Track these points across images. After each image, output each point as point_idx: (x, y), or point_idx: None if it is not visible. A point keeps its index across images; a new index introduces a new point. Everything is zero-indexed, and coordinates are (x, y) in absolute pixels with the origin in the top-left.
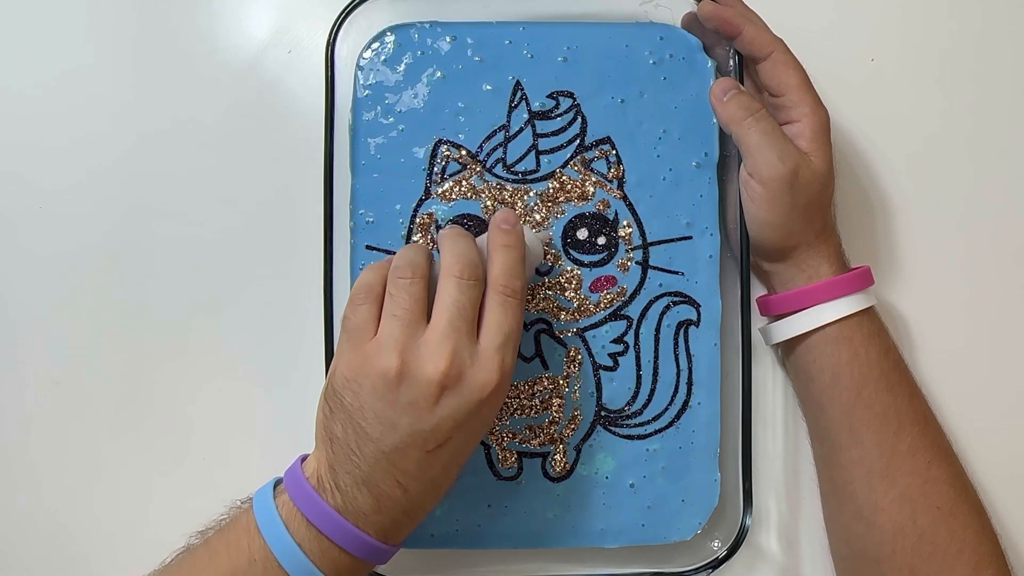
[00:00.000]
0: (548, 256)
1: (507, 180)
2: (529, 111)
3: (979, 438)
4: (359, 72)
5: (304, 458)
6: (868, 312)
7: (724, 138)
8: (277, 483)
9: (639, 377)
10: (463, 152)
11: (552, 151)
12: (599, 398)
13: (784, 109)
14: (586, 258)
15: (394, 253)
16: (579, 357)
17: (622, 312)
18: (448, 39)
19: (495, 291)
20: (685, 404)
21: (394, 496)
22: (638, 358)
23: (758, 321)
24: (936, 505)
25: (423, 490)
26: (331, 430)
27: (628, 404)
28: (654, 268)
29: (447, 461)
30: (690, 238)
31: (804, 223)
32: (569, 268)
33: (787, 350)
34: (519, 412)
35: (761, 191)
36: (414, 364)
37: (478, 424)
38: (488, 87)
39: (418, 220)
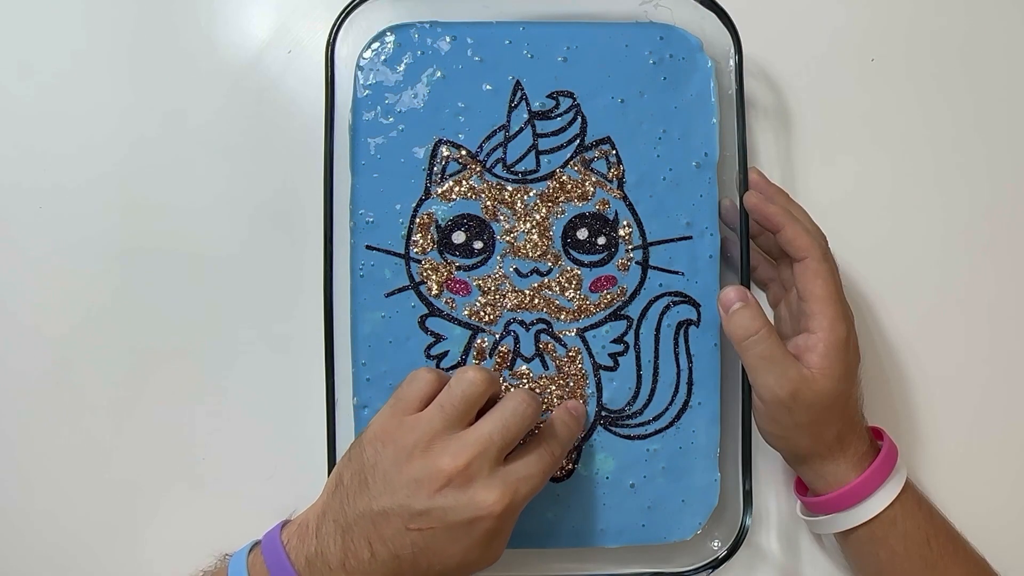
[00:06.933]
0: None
1: (507, 180)
2: (529, 111)
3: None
4: (359, 72)
5: (285, 523)
6: (905, 490)
7: (724, 138)
8: (256, 544)
9: (639, 377)
10: (463, 152)
11: (552, 151)
12: (599, 398)
13: (804, 316)
14: (586, 258)
15: (394, 253)
16: (579, 357)
17: (622, 312)
18: (448, 39)
19: (539, 443)
20: (685, 404)
21: (361, 556)
22: (638, 358)
23: None
24: None
25: (386, 561)
26: (341, 475)
27: (628, 404)
28: (654, 268)
29: (420, 548)
30: (690, 238)
31: (811, 438)
32: (569, 268)
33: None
34: None
35: (762, 406)
36: (438, 451)
37: (463, 537)
38: (488, 87)
39: (418, 220)
